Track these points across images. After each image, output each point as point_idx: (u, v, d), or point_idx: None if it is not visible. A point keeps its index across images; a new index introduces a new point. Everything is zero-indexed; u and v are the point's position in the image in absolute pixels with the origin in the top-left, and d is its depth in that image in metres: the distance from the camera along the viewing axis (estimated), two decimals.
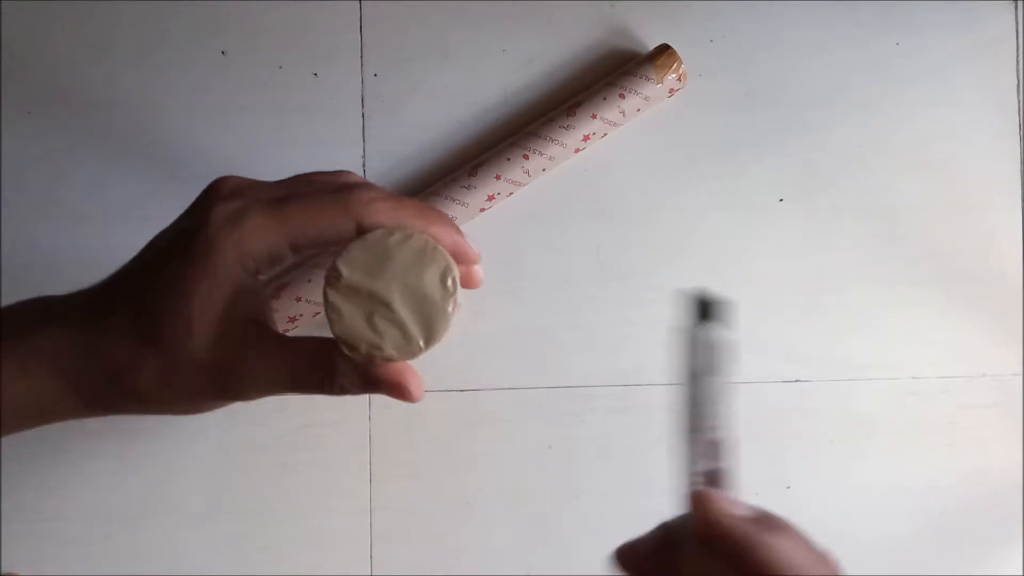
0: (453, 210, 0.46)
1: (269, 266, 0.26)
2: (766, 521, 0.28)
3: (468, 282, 0.29)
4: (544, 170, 0.47)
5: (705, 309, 0.26)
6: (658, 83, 0.46)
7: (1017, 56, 0.51)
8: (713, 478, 0.28)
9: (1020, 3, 0.51)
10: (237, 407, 0.47)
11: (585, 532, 0.49)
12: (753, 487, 0.50)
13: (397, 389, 0.27)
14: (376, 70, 0.48)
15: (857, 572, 0.51)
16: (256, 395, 0.27)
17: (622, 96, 0.46)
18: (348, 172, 0.29)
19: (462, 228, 0.47)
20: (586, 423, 0.49)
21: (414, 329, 0.26)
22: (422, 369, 0.48)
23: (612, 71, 0.48)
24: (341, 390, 0.27)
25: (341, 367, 0.27)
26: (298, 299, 0.44)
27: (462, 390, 0.49)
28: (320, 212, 0.25)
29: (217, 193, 0.26)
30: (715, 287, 0.49)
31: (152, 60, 0.47)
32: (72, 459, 0.47)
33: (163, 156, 0.47)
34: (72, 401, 0.26)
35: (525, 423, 0.49)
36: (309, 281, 0.44)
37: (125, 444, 0.47)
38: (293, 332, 0.45)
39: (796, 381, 0.50)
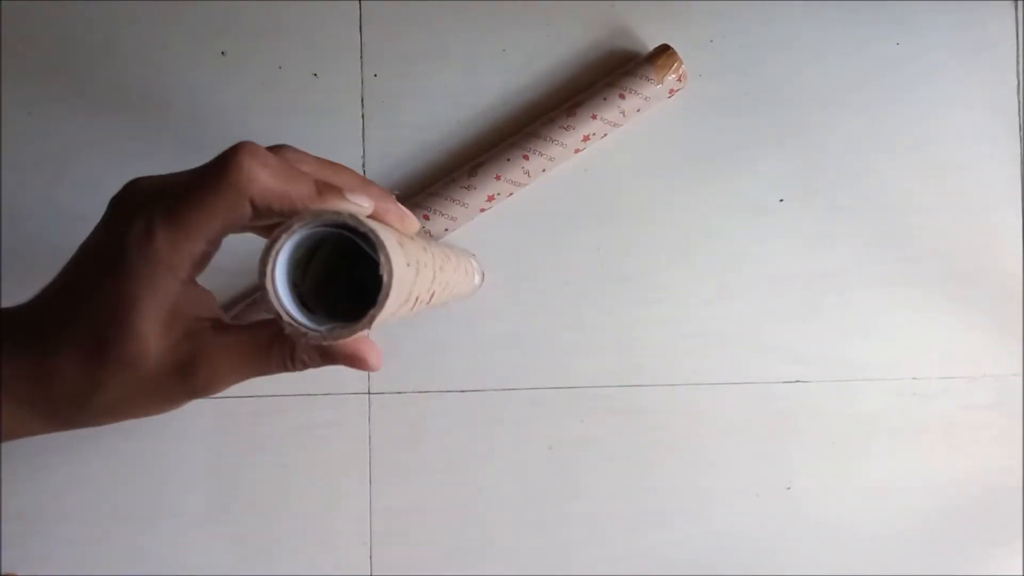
0: (453, 210, 0.46)
1: (200, 266, 0.26)
2: None
3: (405, 227, 0.29)
4: (544, 170, 0.47)
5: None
6: (658, 83, 0.46)
7: (1017, 57, 0.51)
8: None
9: (1020, 3, 0.51)
10: (234, 407, 0.47)
11: (585, 532, 0.49)
12: (753, 487, 0.50)
13: (354, 360, 0.27)
14: (376, 70, 0.48)
15: (857, 572, 0.51)
16: (224, 386, 0.28)
17: (622, 96, 0.46)
18: (242, 145, 0.27)
19: (462, 227, 0.47)
20: (586, 424, 0.49)
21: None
22: (422, 369, 0.48)
23: (612, 71, 0.48)
24: (303, 365, 0.28)
25: (300, 345, 0.27)
26: None
27: (462, 391, 0.49)
28: (214, 203, 0.25)
29: (127, 205, 0.26)
30: (715, 287, 0.50)
31: (152, 60, 0.47)
32: (72, 459, 0.47)
33: (163, 156, 0.47)
34: (39, 423, 0.27)
35: (525, 423, 0.49)
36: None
37: (125, 444, 0.47)
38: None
39: (796, 382, 0.50)
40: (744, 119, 0.50)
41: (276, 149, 0.28)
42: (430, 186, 0.47)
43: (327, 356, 0.28)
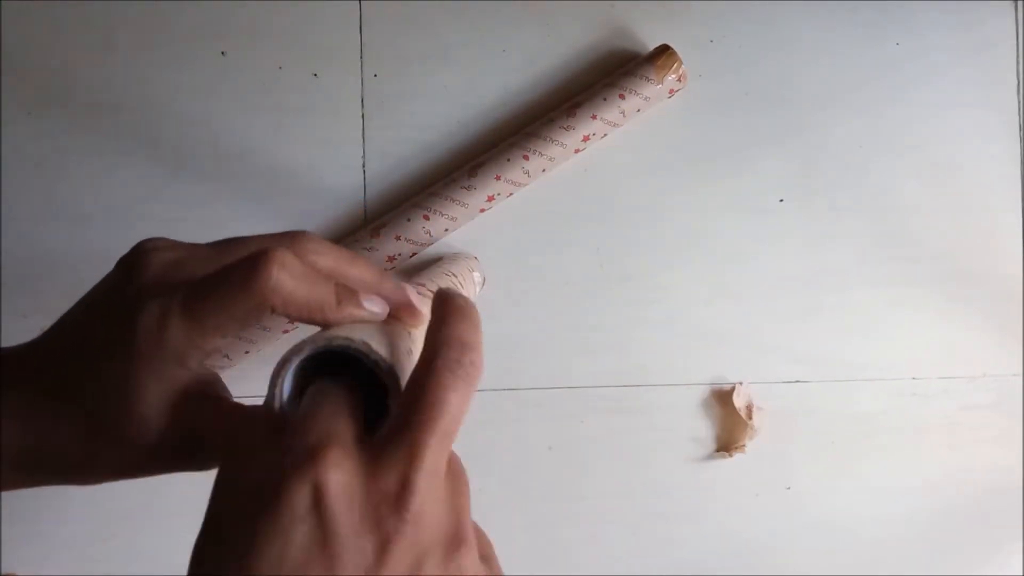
0: (453, 210, 0.46)
1: (207, 357, 0.26)
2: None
3: (415, 324, 0.29)
4: (544, 171, 0.47)
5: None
6: (658, 83, 0.46)
7: (1017, 56, 0.51)
8: None
9: (1020, 3, 0.51)
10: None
11: (585, 532, 0.49)
12: (753, 487, 0.50)
13: None
14: (376, 70, 0.48)
15: (857, 572, 0.51)
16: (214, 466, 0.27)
17: (622, 97, 0.46)
18: (280, 236, 0.27)
19: (462, 228, 0.47)
20: (586, 424, 0.49)
21: None
22: None
23: (612, 71, 0.48)
24: None
25: None
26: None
27: None
28: (234, 309, 0.25)
29: (140, 278, 0.26)
30: (716, 287, 0.50)
31: (152, 61, 0.47)
32: None
33: (163, 157, 0.47)
34: (22, 480, 0.27)
35: (525, 424, 0.49)
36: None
37: None
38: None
39: (796, 382, 0.50)
40: (744, 119, 0.50)
41: (296, 238, 0.27)
42: (430, 186, 0.47)
43: None
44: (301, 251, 0.27)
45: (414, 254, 0.46)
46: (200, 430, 0.26)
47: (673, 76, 0.47)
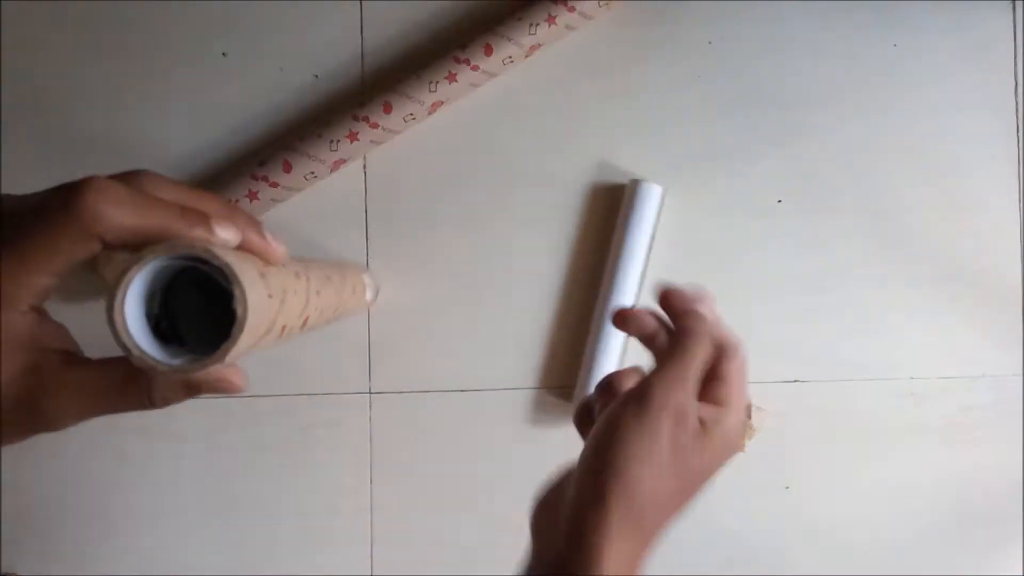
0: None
1: (44, 297, 0.25)
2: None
3: (269, 258, 0.28)
4: (507, 61, 0.46)
5: None
6: None
7: (1015, 57, 0.51)
8: None
9: (1018, 4, 0.51)
10: (235, 407, 0.47)
11: None
12: (752, 487, 0.50)
13: (219, 388, 0.26)
14: (376, 71, 0.48)
15: (856, 572, 0.51)
16: (72, 421, 0.26)
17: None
18: (87, 181, 0.26)
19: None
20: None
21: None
22: (422, 369, 0.49)
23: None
24: (164, 402, 0.27)
25: (158, 380, 0.26)
26: None
27: (462, 390, 0.49)
28: (56, 241, 0.24)
29: None
30: (715, 287, 0.50)
31: (153, 61, 0.47)
32: (72, 459, 0.47)
33: (163, 157, 0.47)
34: None
35: (525, 423, 0.49)
36: None
37: (125, 444, 0.47)
38: None
39: (795, 381, 0.50)
40: (743, 119, 0.50)
41: (132, 176, 0.27)
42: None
43: (190, 389, 0.27)
44: (136, 183, 0.26)
45: None
46: (48, 384, 0.25)
47: None
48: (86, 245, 0.24)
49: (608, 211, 0.49)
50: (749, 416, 0.48)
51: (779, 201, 0.50)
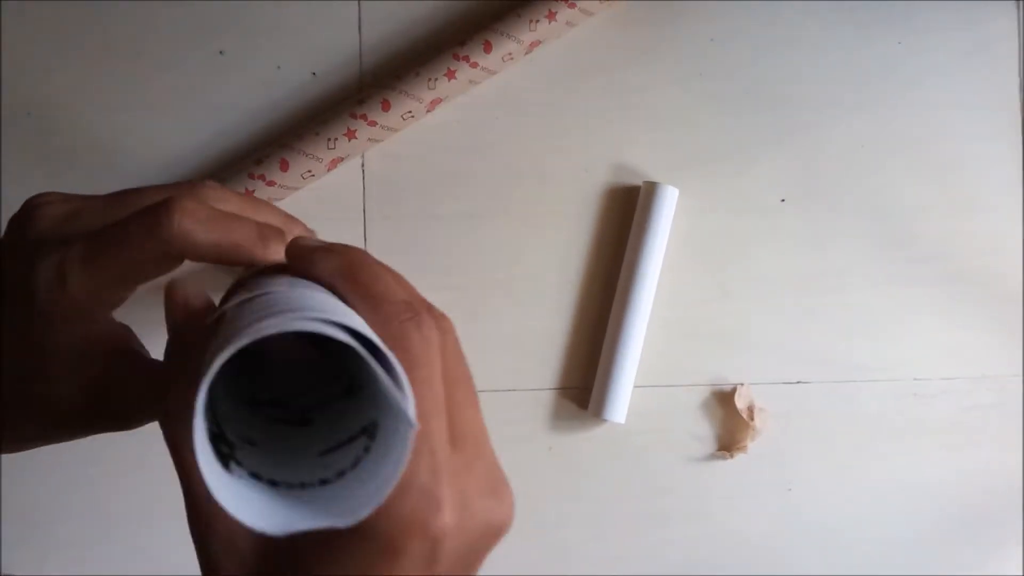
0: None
1: (112, 308, 0.25)
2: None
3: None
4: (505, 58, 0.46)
5: None
6: None
7: (1019, 56, 0.51)
8: None
9: (1021, 3, 0.51)
10: None
11: (585, 532, 0.49)
12: (754, 489, 0.50)
13: None
14: (375, 70, 0.48)
15: (857, 573, 0.51)
16: (140, 421, 0.27)
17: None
18: (178, 185, 0.26)
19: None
20: (586, 424, 0.49)
21: None
22: None
23: None
24: None
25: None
26: None
27: None
28: (139, 260, 0.24)
29: (33, 234, 0.24)
30: (716, 287, 0.49)
31: (150, 60, 0.47)
32: (72, 459, 0.47)
33: (159, 155, 0.47)
34: None
35: (525, 423, 0.49)
36: None
37: (125, 444, 0.47)
38: None
39: (797, 383, 0.50)
40: (744, 119, 0.50)
41: (200, 189, 0.27)
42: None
43: None
44: (203, 198, 0.26)
45: None
46: (116, 387, 0.25)
47: None
48: (170, 265, 0.24)
49: (608, 211, 0.49)
50: (752, 418, 0.48)
51: (782, 200, 0.50)
